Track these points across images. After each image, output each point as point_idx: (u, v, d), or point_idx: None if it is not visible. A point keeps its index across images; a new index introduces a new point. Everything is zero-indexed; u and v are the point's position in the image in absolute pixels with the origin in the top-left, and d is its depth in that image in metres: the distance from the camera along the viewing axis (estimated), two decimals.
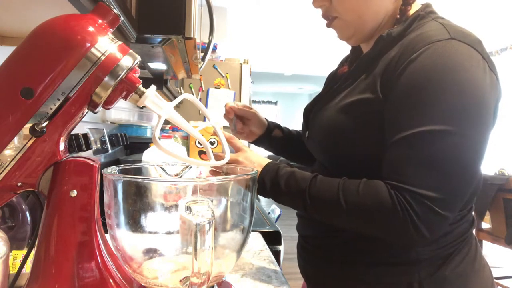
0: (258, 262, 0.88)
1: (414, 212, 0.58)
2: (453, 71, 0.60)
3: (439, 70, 0.60)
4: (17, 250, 0.67)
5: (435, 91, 0.59)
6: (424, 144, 0.59)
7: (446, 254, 0.68)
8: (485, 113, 0.61)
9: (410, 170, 0.60)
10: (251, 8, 3.95)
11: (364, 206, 0.62)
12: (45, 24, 0.46)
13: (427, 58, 0.61)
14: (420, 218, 0.58)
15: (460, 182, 0.60)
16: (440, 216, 0.59)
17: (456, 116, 0.59)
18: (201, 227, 0.42)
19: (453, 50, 0.61)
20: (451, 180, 0.59)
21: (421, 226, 0.58)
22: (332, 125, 0.73)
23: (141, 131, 2.23)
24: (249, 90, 3.24)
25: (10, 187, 0.47)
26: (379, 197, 0.61)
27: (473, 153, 0.60)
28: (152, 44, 0.96)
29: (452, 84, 0.59)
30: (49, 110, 0.46)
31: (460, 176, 0.60)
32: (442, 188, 0.59)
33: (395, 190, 0.61)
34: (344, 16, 0.74)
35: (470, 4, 3.67)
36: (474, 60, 0.61)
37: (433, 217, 0.59)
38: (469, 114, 0.59)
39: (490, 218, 2.65)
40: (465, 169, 0.60)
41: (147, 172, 0.64)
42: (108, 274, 0.49)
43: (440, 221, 0.59)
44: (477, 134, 0.60)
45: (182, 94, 0.76)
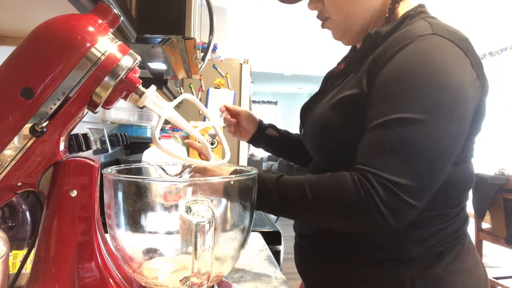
0: (258, 262, 0.88)
1: (377, 195, 0.57)
2: (431, 64, 0.61)
3: (417, 62, 0.61)
4: (17, 250, 0.67)
5: (412, 82, 0.60)
6: (395, 130, 0.59)
7: (438, 252, 0.68)
8: (461, 108, 0.61)
9: (378, 155, 0.60)
10: (251, 8, 3.95)
11: (328, 195, 0.62)
12: (45, 24, 0.46)
13: (407, 52, 0.62)
14: (384, 202, 0.57)
15: (428, 171, 0.59)
16: (406, 202, 0.57)
17: (431, 107, 0.59)
18: (201, 227, 0.42)
19: (433, 44, 0.62)
20: (419, 168, 0.58)
21: (385, 211, 0.57)
22: (322, 121, 0.74)
23: (141, 131, 2.23)
24: (249, 90, 3.24)
25: (10, 187, 0.47)
26: (342, 183, 0.61)
27: (445, 145, 0.60)
28: (152, 44, 0.96)
29: (428, 77, 0.60)
30: (49, 110, 0.46)
31: (429, 165, 0.59)
32: (409, 174, 0.58)
33: (359, 174, 0.60)
34: (334, 16, 0.77)
35: (470, 4, 3.67)
36: (453, 55, 0.62)
37: (398, 203, 0.57)
38: (444, 106, 0.59)
39: (490, 218, 2.66)
40: (435, 159, 0.59)
41: (147, 172, 0.64)
42: (108, 274, 0.49)
43: (405, 207, 0.58)
44: (451, 127, 0.60)
45: (182, 94, 0.76)
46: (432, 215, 0.68)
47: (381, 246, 0.69)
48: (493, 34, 4.61)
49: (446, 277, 0.68)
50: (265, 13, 4.12)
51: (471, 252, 0.74)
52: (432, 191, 0.61)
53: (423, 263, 0.68)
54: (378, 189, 0.58)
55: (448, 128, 0.59)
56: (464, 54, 0.63)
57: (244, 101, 3.14)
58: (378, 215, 0.58)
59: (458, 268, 0.69)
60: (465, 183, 0.72)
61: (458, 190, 0.71)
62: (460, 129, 0.61)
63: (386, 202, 0.57)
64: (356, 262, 0.72)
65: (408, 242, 0.68)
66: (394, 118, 0.60)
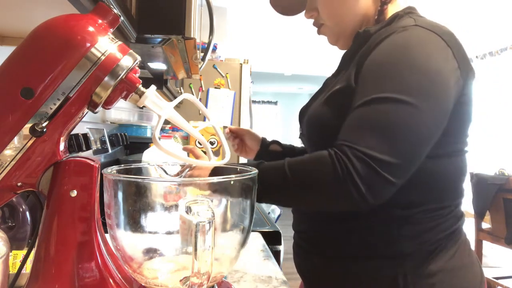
0: (258, 262, 0.88)
1: (354, 168, 0.58)
2: (411, 50, 0.64)
3: (397, 49, 0.65)
4: (17, 250, 0.67)
5: (392, 66, 0.63)
6: (374, 108, 0.61)
7: (431, 249, 0.69)
8: (440, 92, 0.62)
9: (356, 131, 0.61)
10: (251, 8, 3.95)
11: (306, 170, 0.64)
12: (45, 24, 0.46)
13: (389, 41, 0.66)
14: (360, 175, 0.58)
15: (406, 149, 0.60)
16: (382, 177, 0.58)
17: (411, 89, 0.60)
18: (201, 227, 0.42)
19: (414, 34, 0.66)
20: (397, 144, 0.59)
21: (361, 184, 0.58)
22: (316, 117, 0.76)
23: (141, 131, 2.23)
24: (249, 90, 3.24)
25: (10, 187, 0.47)
26: (319, 159, 0.62)
27: (424, 126, 0.61)
28: (152, 44, 0.96)
29: (408, 61, 0.63)
30: (49, 110, 0.46)
31: (408, 143, 0.60)
32: (387, 150, 0.58)
33: (337, 149, 0.61)
34: (328, 22, 0.82)
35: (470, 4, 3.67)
36: (434, 43, 0.65)
37: (374, 176, 0.58)
38: (424, 89, 0.61)
39: (490, 218, 2.66)
40: (414, 138, 0.60)
41: (147, 172, 0.64)
42: (108, 274, 0.49)
43: (382, 182, 0.58)
44: (430, 109, 0.61)
45: (182, 94, 0.76)
46: (424, 211, 0.69)
47: (375, 243, 0.70)
48: (493, 34, 4.61)
49: (440, 274, 0.68)
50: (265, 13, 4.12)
51: (467, 251, 0.74)
52: (409, 170, 0.62)
53: (416, 260, 0.68)
54: (354, 162, 0.58)
55: (427, 110, 0.60)
56: (446, 44, 0.65)
57: (244, 101, 3.14)
58: (354, 188, 0.58)
59: (452, 266, 0.70)
60: (458, 177, 0.73)
61: (450, 184, 0.72)
62: (440, 113, 0.62)
63: (362, 175, 0.58)
64: (351, 258, 0.73)
65: (400, 238, 0.68)
66: (374, 98, 0.61)
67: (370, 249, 0.71)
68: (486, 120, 5.04)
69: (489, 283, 2.61)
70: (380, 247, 0.70)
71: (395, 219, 0.69)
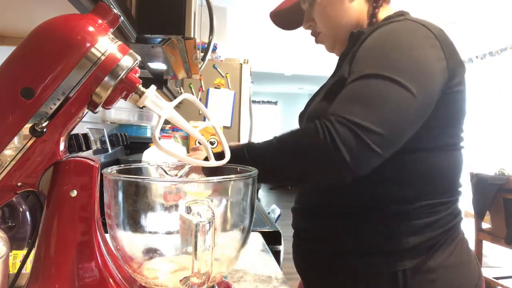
0: (258, 262, 0.88)
1: (335, 131, 0.59)
2: (399, 35, 0.68)
3: (387, 35, 0.69)
4: (17, 250, 0.67)
5: (382, 48, 0.67)
6: (362, 82, 0.64)
7: (429, 245, 0.70)
8: (425, 77, 0.64)
9: (343, 102, 0.63)
10: (251, 8, 3.95)
11: (291, 137, 0.66)
12: (45, 24, 0.46)
13: (379, 31, 0.71)
14: (341, 137, 0.59)
15: (390, 121, 0.61)
16: (363, 142, 0.59)
17: (399, 70, 0.63)
18: (201, 227, 0.42)
19: (403, 24, 0.70)
20: (381, 115, 0.60)
21: (340, 145, 0.58)
22: (315, 113, 0.77)
23: (141, 131, 2.23)
24: (249, 90, 3.24)
25: (10, 187, 0.47)
26: (305, 128, 0.65)
27: (409, 105, 0.62)
28: (152, 44, 0.96)
29: (396, 44, 0.66)
30: (49, 110, 0.46)
31: (392, 116, 0.61)
32: (370, 118, 0.60)
33: (323, 118, 0.62)
34: (324, 29, 0.86)
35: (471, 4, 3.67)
36: (421, 33, 0.68)
37: (355, 140, 0.59)
38: (410, 71, 0.63)
39: (490, 218, 2.65)
40: (398, 114, 0.61)
41: (147, 172, 0.64)
42: (108, 274, 0.49)
43: (364, 148, 0.59)
44: (415, 90, 0.62)
45: (182, 94, 0.76)
46: (422, 206, 0.70)
47: (374, 239, 0.71)
48: (493, 34, 4.61)
49: (439, 270, 0.69)
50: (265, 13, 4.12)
51: (465, 248, 0.75)
52: (391, 142, 0.62)
53: (415, 256, 0.69)
54: (337, 127, 0.60)
55: (412, 90, 0.62)
56: (433, 35, 0.68)
57: (244, 101, 3.14)
58: (335, 150, 0.59)
59: (451, 262, 0.71)
60: (453, 172, 0.74)
61: (446, 178, 0.73)
62: (424, 96, 0.64)
63: (344, 138, 0.59)
64: (350, 255, 0.73)
65: (399, 234, 0.69)
66: (363, 75, 0.64)
67: (369, 245, 0.71)
68: (486, 120, 5.03)
69: (489, 283, 2.61)
70: (379, 243, 0.70)
71: (394, 215, 0.70)
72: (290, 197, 0.92)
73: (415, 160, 0.68)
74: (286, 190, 8.13)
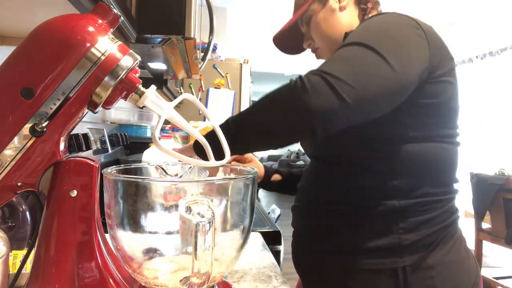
0: (258, 262, 0.88)
1: (307, 78, 0.61)
2: (386, 21, 0.72)
3: (375, 21, 0.72)
4: (17, 250, 0.67)
5: (366, 28, 0.70)
6: (346, 48, 0.66)
7: (427, 242, 0.70)
8: (406, 55, 0.66)
9: (324, 63, 0.65)
10: (251, 8, 3.95)
11: (267, 94, 0.68)
12: (45, 24, 0.46)
13: (369, 19, 0.74)
14: (311, 82, 0.60)
15: (364, 79, 0.62)
16: (332, 88, 0.59)
17: (381, 43, 0.65)
18: (201, 227, 0.42)
19: (391, 14, 0.74)
20: (356, 72, 0.62)
21: (309, 88, 0.60)
22: None
23: (141, 131, 2.23)
24: (249, 90, 3.24)
25: (10, 187, 0.47)
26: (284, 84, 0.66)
27: (386, 74, 0.63)
28: (152, 44, 0.96)
29: (382, 27, 0.70)
30: (49, 110, 0.46)
31: (367, 76, 0.62)
32: (345, 73, 0.61)
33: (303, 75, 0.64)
34: (321, 44, 0.90)
35: (471, 4, 3.67)
36: (407, 22, 0.71)
37: (325, 85, 0.60)
38: (392, 48, 0.65)
39: (490, 218, 2.65)
40: (374, 78, 0.62)
41: (147, 172, 0.64)
42: (108, 274, 0.49)
43: (331, 92, 0.59)
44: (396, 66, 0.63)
45: (182, 94, 0.76)
46: (417, 202, 0.71)
47: (373, 236, 0.71)
48: (493, 34, 4.61)
49: (438, 267, 0.70)
50: (265, 13, 4.12)
51: (463, 246, 0.76)
52: (362, 100, 0.62)
53: (414, 253, 0.70)
54: (310, 77, 0.62)
55: (391, 63, 0.63)
56: (419, 26, 0.71)
57: (244, 101, 3.14)
58: (304, 94, 0.60)
59: (449, 260, 0.72)
60: (447, 165, 0.75)
61: (439, 171, 0.74)
62: (403, 72, 0.65)
63: (314, 83, 0.60)
64: (350, 253, 0.74)
65: (398, 231, 0.70)
66: (345, 44, 0.67)
67: (369, 243, 0.72)
68: (486, 120, 5.03)
69: (489, 283, 2.61)
70: (378, 241, 0.71)
71: (392, 212, 0.71)
72: (290, 197, 0.92)
73: (405, 151, 0.70)
74: None
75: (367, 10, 0.86)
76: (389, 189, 0.71)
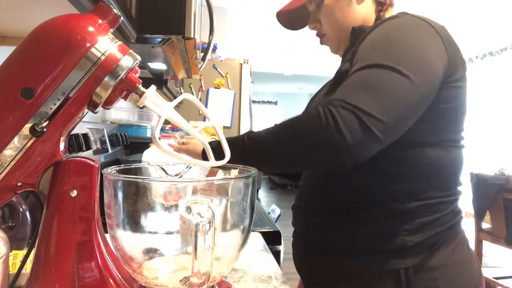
0: (258, 262, 0.88)
1: (338, 113, 0.60)
2: (401, 28, 0.70)
3: (389, 28, 0.71)
4: (17, 250, 0.67)
5: (385, 41, 0.69)
6: (365, 71, 0.65)
7: (431, 243, 0.70)
8: (426, 67, 0.66)
9: (349, 88, 0.64)
10: (251, 8, 3.95)
11: (292, 122, 0.66)
12: (45, 24, 0.46)
13: (381, 26, 0.73)
14: (343, 119, 0.59)
15: (394, 110, 0.62)
16: (366, 126, 0.59)
17: (401, 60, 0.64)
18: (201, 227, 0.42)
19: (405, 19, 0.73)
20: (386, 103, 0.61)
21: (343, 127, 0.59)
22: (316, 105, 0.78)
23: (141, 131, 2.23)
24: (249, 90, 3.24)
25: (10, 187, 0.47)
26: (307, 112, 0.65)
27: (412, 94, 0.63)
28: (152, 44, 0.96)
29: (399, 36, 0.68)
30: (49, 110, 0.46)
31: (396, 105, 0.62)
32: (376, 106, 0.60)
33: (326, 103, 0.63)
34: (330, 31, 0.87)
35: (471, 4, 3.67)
36: (422, 27, 0.70)
37: (358, 123, 0.59)
38: (412, 62, 0.65)
39: (490, 218, 2.65)
40: (402, 103, 0.63)
41: (147, 172, 0.64)
42: (108, 274, 0.49)
43: (364, 130, 0.60)
44: (417, 80, 0.64)
45: (182, 94, 0.76)
46: (424, 205, 0.70)
47: (376, 236, 0.71)
48: (493, 34, 4.61)
49: (441, 268, 0.70)
50: (265, 13, 4.12)
51: (466, 247, 0.76)
52: (393, 130, 0.63)
53: (417, 255, 0.69)
54: (341, 111, 0.60)
55: (414, 80, 0.63)
56: (435, 30, 0.70)
57: (244, 101, 3.14)
58: (337, 133, 0.59)
59: (452, 261, 0.71)
60: (453, 169, 0.74)
61: (446, 175, 0.73)
62: (426, 87, 0.65)
63: (347, 121, 0.59)
64: (352, 253, 0.73)
65: (402, 232, 0.70)
66: (365, 65, 0.65)
67: (372, 244, 0.71)
68: (486, 120, 5.03)
69: (489, 283, 2.61)
70: (382, 242, 0.71)
71: (397, 213, 0.70)
72: (290, 197, 0.92)
73: (416, 155, 0.69)
74: (286, 190, 8.14)
75: (384, 5, 0.84)
76: (396, 191, 0.71)
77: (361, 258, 0.72)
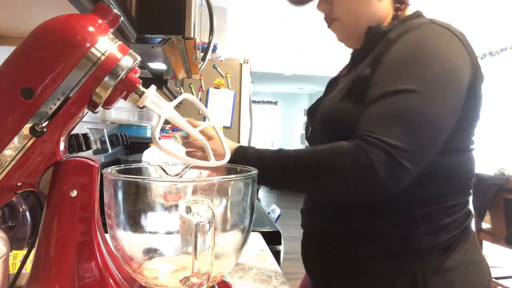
0: (258, 262, 0.88)
1: (375, 155, 0.60)
2: (428, 44, 0.68)
3: (416, 44, 0.68)
4: (17, 250, 0.67)
5: (412, 60, 0.66)
6: (392, 99, 0.64)
7: (447, 245, 0.70)
8: (455, 83, 0.66)
9: (378, 121, 0.64)
10: (251, 8, 3.95)
11: (325, 155, 0.66)
12: (45, 24, 0.46)
13: (407, 37, 0.69)
14: (379, 159, 0.60)
15: (423, 138, 0.62)
16: (401, 165, 0.60)
17: (430, 81, 0.63)
18: (201, 227, 0.42)
19: (430, 30, 0.70)
20: (415, 133, 0.62)
21: (380, 170, 0.60)
22: (331, 112, 0.77)
23: (141, 131, 2.23)
24: (249, 90, 3.24)
25: (10, 187, 0.47)
26: (340, 145, 0.65)
27: (440, 116, 0.64)
28: (152, 44, 0.96)
29: (426, 55, 0.66)
30: (49, 110, 0.46)
31: (425, 131, 0.62)
32: (405, 138, 0.61)
33: (357, 138, 0.63)
34: (342, 17, 0.82)
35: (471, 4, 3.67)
36: (448, 38, 0.69)
37: (393, 164, 0.60)
38: (440, 81, 0.64)
39: (490, 218, 2.65)
40: (431, 127, 0.63)
41: (147, 172, 0.64)
42: (108, 274, 0.49)
43: (400, 169, 0.60)
44: (446, 99, 0.64)
45: (182, 94, 0.76)
46: (441, 208, 0.70)
47: (394, 240, 0.71)
48: (493, 34, 4.61)
49: (456, 270, 0.70)
50: (265, 13, 4.12)
51: (477, 247, 0.77)
52: (426, 157, 0.64)
53: (433, 256, 0.69)
54: (375, 151, 0.60)
55: (444, 100, 0.63)
56: (459, 39, 0.68)
57: (244, 101, 3.14)
58: (372, 174, 0.60)
59: (466, 262, 0.72)
60: (468, 173, 0.75)
61: (461, 179, 0.74)
62: (455, 104, 0.65)
63: (382, 162, 0.60)
64: (369, 256, 0.73)
65: (419, 235, 0.69)
66: (393, 90, 0.64)
67: (389, 247, 0.71)
68: (486, 120, 5.03)
69: None
70: (399, 245, 0.70)
71: (416, 217, 0.70)
72: (290, 197, 0.91)
73: (436, 161, 0.69)
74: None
75: (403, 4, 0.81)
76: (417, 196, 0.70)
77: (379, 261, 0.72)
